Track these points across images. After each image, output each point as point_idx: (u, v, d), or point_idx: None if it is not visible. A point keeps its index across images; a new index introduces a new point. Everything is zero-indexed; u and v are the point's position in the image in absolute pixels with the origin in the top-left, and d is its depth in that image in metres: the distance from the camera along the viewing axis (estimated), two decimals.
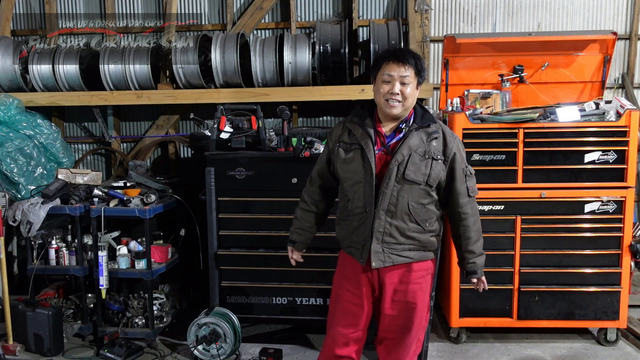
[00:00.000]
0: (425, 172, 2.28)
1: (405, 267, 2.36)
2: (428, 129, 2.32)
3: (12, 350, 3.56)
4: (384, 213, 2.29)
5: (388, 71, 2.25)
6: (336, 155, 2.40)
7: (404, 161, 2.26)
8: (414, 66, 2.25)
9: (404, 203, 2.28)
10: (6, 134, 4.04)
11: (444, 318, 3.92)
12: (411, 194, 2.29)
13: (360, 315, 2.42)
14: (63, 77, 4.41)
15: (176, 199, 3.93)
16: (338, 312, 2.47)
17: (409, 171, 2.26)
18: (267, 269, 3.58)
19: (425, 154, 2.29)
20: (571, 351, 3.57)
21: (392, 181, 2.27)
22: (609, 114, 3.47)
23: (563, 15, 4.60)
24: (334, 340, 2.46)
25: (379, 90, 2.28)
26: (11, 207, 3.75)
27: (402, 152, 2.27)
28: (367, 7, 4.67)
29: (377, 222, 2.29)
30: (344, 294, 2.44)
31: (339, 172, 2.40)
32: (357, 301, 2.42)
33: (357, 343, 2.47)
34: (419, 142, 2.29)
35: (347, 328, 2.44)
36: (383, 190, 2.27)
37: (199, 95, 4.34)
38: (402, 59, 2.25)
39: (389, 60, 2.26)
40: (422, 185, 2.29)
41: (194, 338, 3.41)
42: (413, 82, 2.26)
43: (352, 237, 2.38)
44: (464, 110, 3.62)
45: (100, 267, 3.54)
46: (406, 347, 2.42)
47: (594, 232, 3.51)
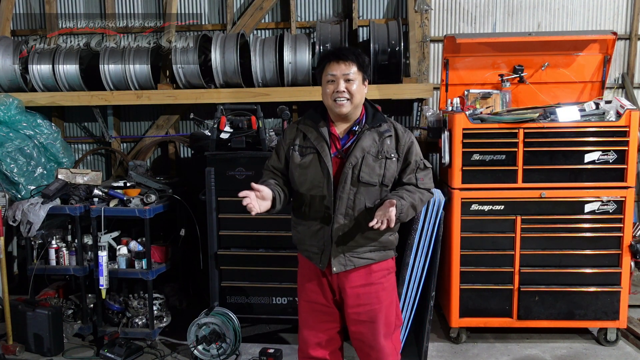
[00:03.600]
0: (379, 173, 2.28)
1: (365, 268, 2.34)
2: (380, 129, 2.31)
3: (12, 350, 3.56)
4: (342, 217, 2.27)
5: (330, 71, 2.24)
6: (291, 158, 2.35)
7: (358, 164, 2.25)
8: (356, 62, 2.24)
9: (361, 205, 2.27)
10: (6, 134, 4.04)
11: (444, 318, 3.92)
12: (368, 196, 2.27)
13: (328, 313, 2.40)
14: (63, 77, 4.41)
15: (176, 199, 3.93)
16: (304, 313, 2.45)
17: (363, 173, 2.25)
18: (267, 269, 3.58)
19: (379, 154, 2.28)
20: (571, 351, 3.57)
21: (347, 184, 2.26)
22: (609, 114, 3.47)
23: (563, 15, 4.61)
24: (306, 342, 2.44)
25: (325, 92, 2.27)
26: (11, 207, 3.76)
27: (355, 155, 2.26)
28: (367, 7, 4.67)
29: (336, 226, 2.27)
30: (308, 295, 2.42)
31: (294, 176, 2.34)
32: (322, 301, 2.39)
33: (330, 345, 2.44)
34: (371, 143, 2.28)
35: (317, 327, 2.41)
36: (340, 194, 2.26)
37: (199, 95, 4.34)
38: (342, 57, 2.24)
39: (330, 61, 2.25)
40: (378, 185, 2.28)
41: (194, 338, 3.41)
42: (357, 78, 2.25)
43: (310, 241, 2.36)
44: (464, 110, 3.62)
45: (100, 267, 3.54)
46: (381, 348, 2.38)
47: (594, 232, 3.50)
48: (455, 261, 3.54)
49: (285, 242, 3.51)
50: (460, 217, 3.51)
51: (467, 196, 3.51)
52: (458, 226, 3.52)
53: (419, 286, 3.43)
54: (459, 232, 3.52)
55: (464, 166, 3.49)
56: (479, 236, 3.55)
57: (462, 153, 3.47)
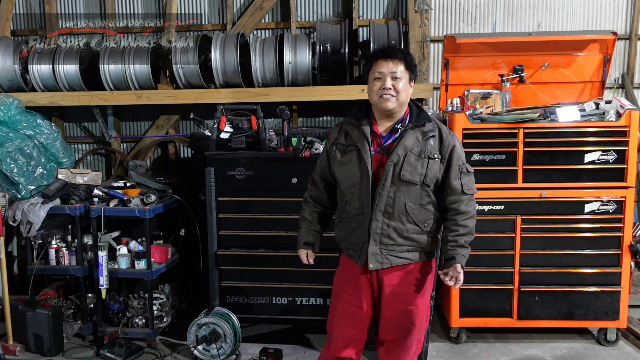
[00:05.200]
0: (421, 172, 2.27)
1: (403, 268, 2.35)
2: (423, 128, 2.31)
3: (12, 350, 3.56)
4: (381, 214, 2.28)
5: (378, 69, 2.26)
6: (333, 157, 2.40)
7: (400, 161, 2.26)
8: (404, 61, 2.26)
9: (401, 204, 2.27)
10: (6, 134, 4.04)
11: (444, 318, 3.92)
12: (408, 195, 2.28)
13: (359, 317, 2.42)
14: (63, 77, 4.41)
15: (176, 199, 3.93)
16: (338, 313, 2.46)
17: (404, 171, 2.26)
18: (267, 269, 3.58)
19: (422, 154, 2.28)
20: (571, 351, 3.57)
21: (388, 182, 2.26)
22: (609, 114, 3.46)
23: (563, 15, 4.61)
24: (335, 343, 2.46)
25: (372, 89, 2.29)
26: (11, 207, 3.75)
27: (397, 153, 2.26)
28: (367, 7, 4.67)
29: (374, 223, 2.28)
30: (344, 295, 2.44)
31: (336, 174, 2.40)
32: (356, 303, 2.41)
33: (357, 345, 2.47)
34: (414, 142, 2.28)
35: (347, 330, 2.43)
36: (379, 192, 2.27)
37: (199, 95, 4.35)
38: (391, 55, 2.26)
39: (378, 59, 2.28)
40: (419, 185, 2.28)
41: (194, 338, 3.41)
42: (404, 76, 2.26)
43: (350, 239, 2.38)
44: (464, 110, 3.62)
45: (100, 267, 3.54)
46: (406, 348, 2.41)
47: (594, 232, 3.50)
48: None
49: (286, 242, 3.51)
50: None
51: None
52: None
53: None
54: None
55: None
56: (478, 236, 3.49)
57: None
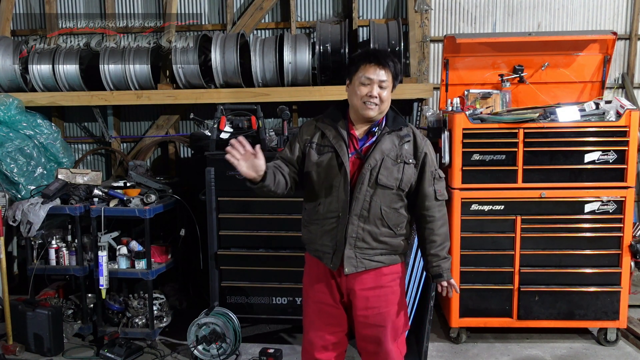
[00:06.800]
0: (397, 177, 2.27)
1: (375, 271, 2.33)
2: (400, 133, 2.31)
3: (12, 350, 3.56)
4: (357, 218, 2.26)
5: (367, 74, 2.21)
6: (308, 155, 2.34)
7: (377, 166, 2.25)
8: (393, 70, 2.24)
9: (376, 208, 2.26)
10: (6, 134, 4.04)
11: (444, 318, 3.92)
12: (384, 199, 2.27)
13: (336, 315, 2.38)
14: (63, 77, 4.41)
15: (176, 199, 3.93)
16: (312, 314, 2.42)
17: (381, 176, 2.25)
18: (267, 269, 3.58)
19: (398, 158, 2.28)
20: (571, 351, 3.57)
21: (365, 186, 2.25)
22: (609, 114, 3.46)
23: (563, 15, 4.61)
24: (312, 344, 2.42)
25: (355, 92, 2.25)
26: (11, 207, 3.76)
27: (374, 157, 2.25)
28: (367, 7, 4.67)
29: (350, 227, 2.26)
30: (316, 295, 2.40)
31: (310, 174, 2.32)
32: (330, 302, 2.37)
33: (336, 348, 2.42)
34: (391, 146, 2.28)
35: (324, 329, 2.39)
36: (356, 195, 2.25)
37: (199, 95, 4.35)
38: (383, 62, 2.22)
39: (369, 62, 2.23)
40: (395, 189, 2.28)
41: (194, 338, 3.41)
42: (390, 86, 2.25)
43: (321, 241, 2.33)
44: (464, 110, 3.62)
45: (100, 267, 3.54)
46: (388, 352, 2.37)
47: (594, 232, 3.50)
48: (455, 261, 3.53)
49: (285, 242, 3.51)
50: (460, 217, 3.51)
51: (467, 196, 3.51)
52: (458, 226, 3.52)
53: (418, 286, 3.43)
54: (459, 232, 3.52)
55: (464, 166, 3.49)
56: (479, 236, 3.55)
57: (462, 153, 3.47)
